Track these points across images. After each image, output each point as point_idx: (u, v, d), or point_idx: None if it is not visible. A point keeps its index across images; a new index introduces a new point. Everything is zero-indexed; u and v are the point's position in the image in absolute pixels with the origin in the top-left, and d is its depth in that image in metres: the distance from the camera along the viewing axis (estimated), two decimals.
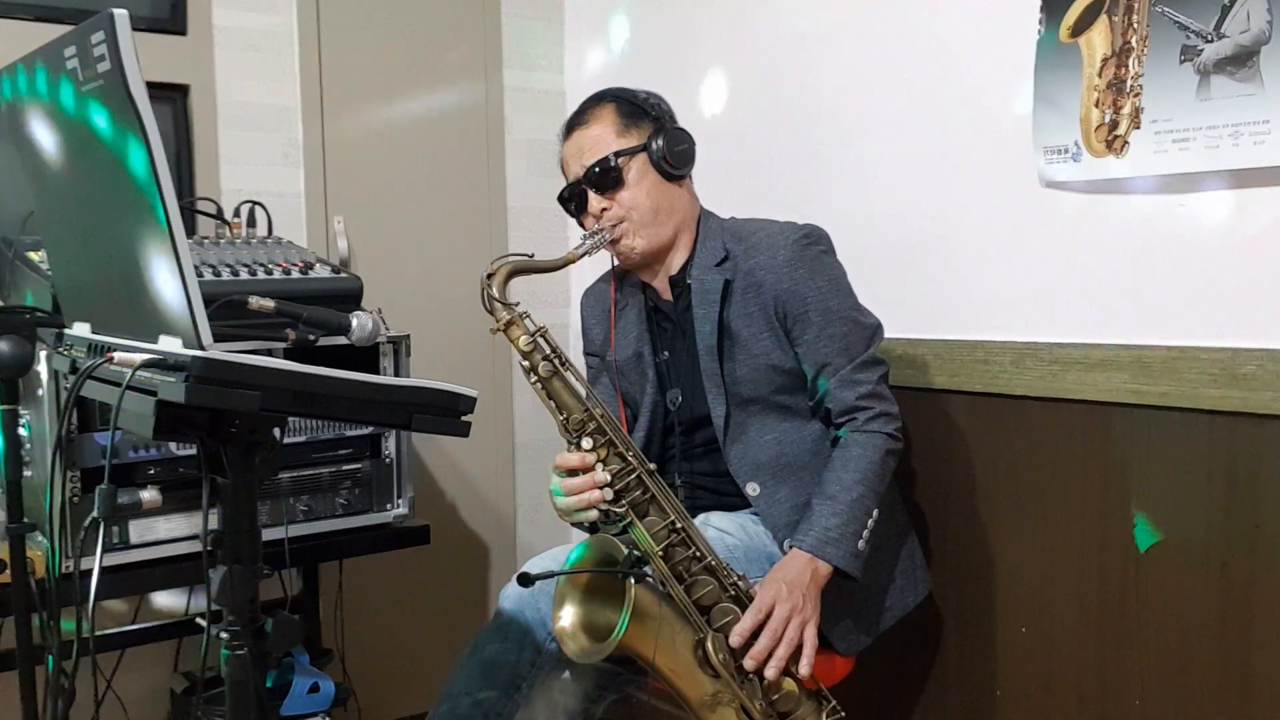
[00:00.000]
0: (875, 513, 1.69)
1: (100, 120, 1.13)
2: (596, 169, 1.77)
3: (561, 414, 1.61)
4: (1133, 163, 1.68)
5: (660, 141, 1.78)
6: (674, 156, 1.79)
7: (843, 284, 1.80)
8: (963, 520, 2.00)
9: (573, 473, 1.61)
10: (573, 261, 1.71)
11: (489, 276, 1.62)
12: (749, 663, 1.53)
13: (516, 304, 1.62)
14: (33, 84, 1.28)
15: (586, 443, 1.60)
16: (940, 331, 2.02)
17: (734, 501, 1.81)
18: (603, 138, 1.79)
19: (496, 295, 1.61)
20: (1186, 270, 1.67)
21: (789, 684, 1.57)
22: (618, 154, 1.77)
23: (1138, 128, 1.67)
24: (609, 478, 1.59)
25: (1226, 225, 1.62)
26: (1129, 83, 1.67)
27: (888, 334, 1.83)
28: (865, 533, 1.67)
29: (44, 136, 1.31)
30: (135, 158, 1.07)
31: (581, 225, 1.85)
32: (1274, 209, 1.56)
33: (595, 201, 1.79)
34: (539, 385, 1.61)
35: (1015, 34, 1.82)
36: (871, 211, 2.13)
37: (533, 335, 1.61)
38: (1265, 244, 1.58)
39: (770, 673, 1.54)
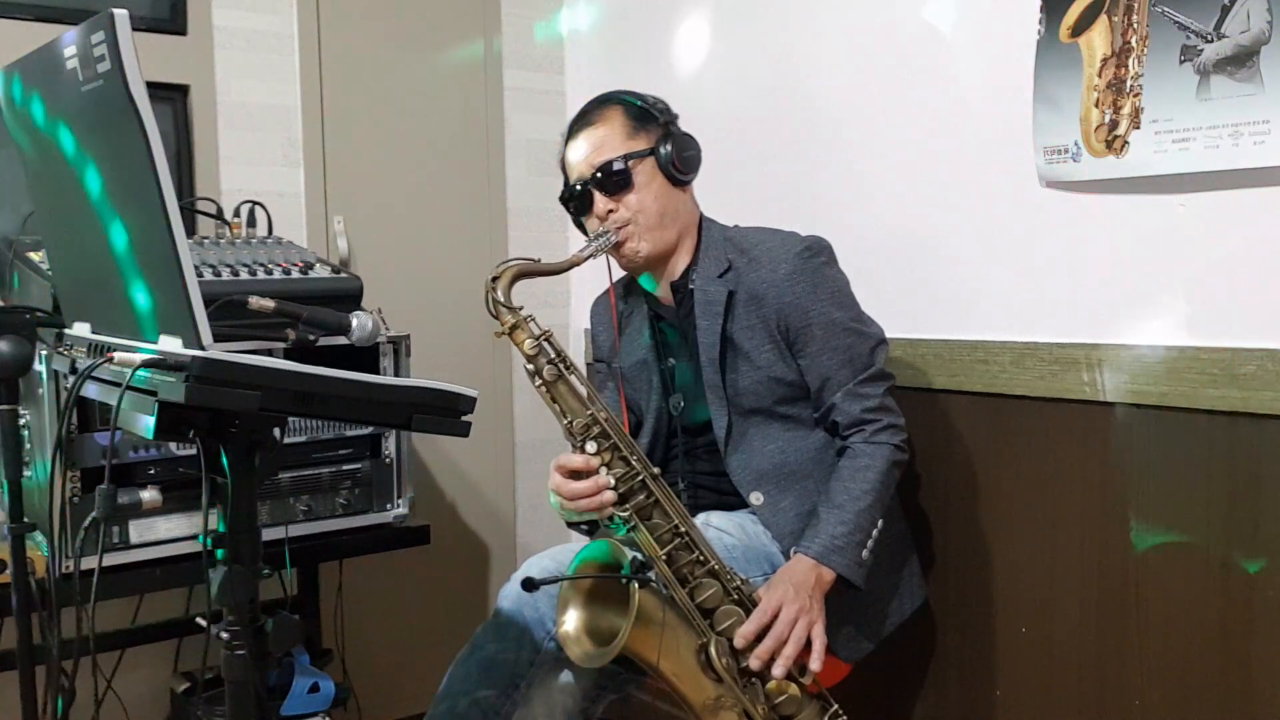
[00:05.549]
0: (880, 523, 1.69)
1: (100, 119, 1.13)
2: (605, 171, 1.74)
3: (566, 418, 1.60)
4: (1133, 163, 1.68)
5: (668, 146, 1.76)
6: (682, 162, 1.77)
7: (845, 295, 1.78)
8: (962, 520, 2.00)
9: (576, 474, 1.60)
10: (578, 264, 1.69)
11: (494, 280, 1.61)
12: (755, 661, 1.53)
13: (521, 308, 1.61)
14: (33, 83, 1.28)
15: (591, 446, 1.59)
16: (940, 331, 2.02)
17: (735, 501, 1.81)
18: (611, 139, 1.76)
19: (501, 299, 1.60)
20: (1186, 270, 1.67)
21: (792, 688, 1.56)
22: (627, 157, 1.75)
23: (1138, 128, 1.67)
24: (613, 481, 1.58)
25: (1226, 225, 1.62)
26: (1129, 83, 1.67)
27: (888, 334, 1.83)
28: (870, 543, 1.67)
29: (43, 135, 1.31)
30: (135, 157, 1.07)
31: (581, 227, 1.84)
32: (1274, 209, 1.56)
33: (601, 203, 1.76)
34: (543, 389, 1.60)
35: (1015, 34, 1.82)
36: (871, 211, 2.13)
37: (538, 339, 1.60)
38: (1265, 244, 1.58)
39: (778, 669, 1.53)
